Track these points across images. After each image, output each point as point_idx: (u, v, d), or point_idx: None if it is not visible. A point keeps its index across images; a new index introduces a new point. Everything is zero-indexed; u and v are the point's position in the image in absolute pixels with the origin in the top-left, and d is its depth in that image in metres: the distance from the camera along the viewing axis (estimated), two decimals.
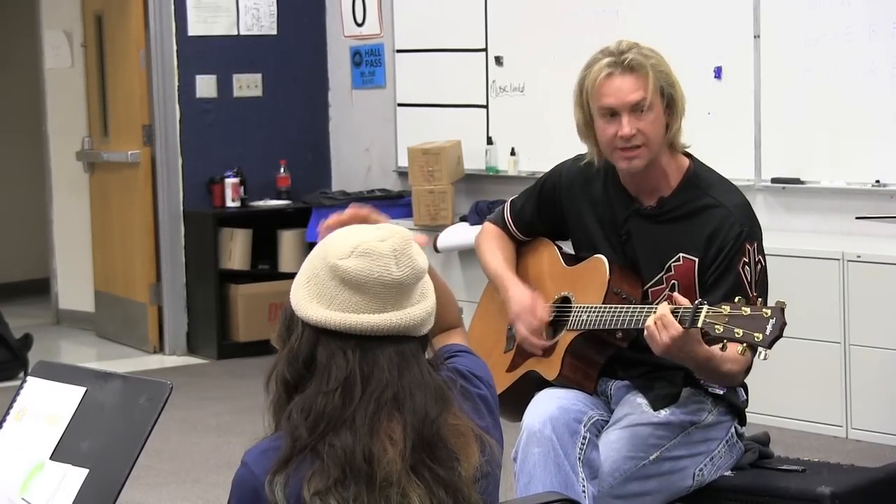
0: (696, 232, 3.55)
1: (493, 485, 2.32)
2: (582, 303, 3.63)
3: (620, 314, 3.50)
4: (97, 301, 9.08)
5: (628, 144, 3.52)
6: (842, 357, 5.94)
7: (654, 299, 3.57)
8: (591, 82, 3.55)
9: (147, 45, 8.29)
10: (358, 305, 2.23)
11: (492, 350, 3.85)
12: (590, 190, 3.70)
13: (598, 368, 3.66)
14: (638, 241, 3.62)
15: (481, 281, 3.59)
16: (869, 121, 6.17)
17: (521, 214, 3.87)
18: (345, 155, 8.66)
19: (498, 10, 7.59)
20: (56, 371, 2.43)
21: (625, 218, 3.64)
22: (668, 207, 3.60)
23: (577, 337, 3.61)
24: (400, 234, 2.26)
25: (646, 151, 3.53)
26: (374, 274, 2.22)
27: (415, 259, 2.25)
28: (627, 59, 3.51)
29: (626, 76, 3.51)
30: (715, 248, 3.52)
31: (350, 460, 2.18)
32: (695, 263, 3.54)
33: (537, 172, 7.37)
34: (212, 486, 5.62)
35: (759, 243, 3.56)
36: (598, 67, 3.54)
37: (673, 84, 3.55)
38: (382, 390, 2.22)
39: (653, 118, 3.52)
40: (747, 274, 3.50)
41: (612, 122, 3.53)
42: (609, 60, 3.53)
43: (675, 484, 3.59)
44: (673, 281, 3.57)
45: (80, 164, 9.10)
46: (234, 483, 2.28)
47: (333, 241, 2.28)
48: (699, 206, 3.57)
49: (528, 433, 3.52)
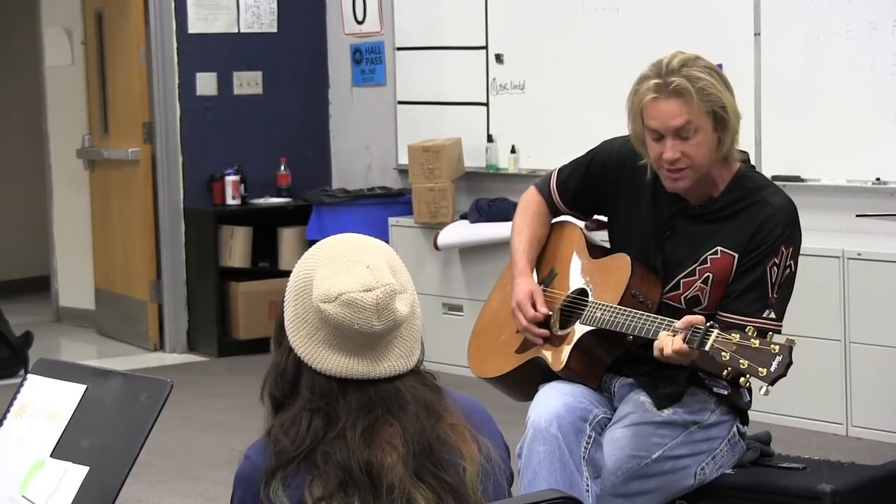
0: (739, 228, 3.55)
1: (495, 486, 2.31)
2: (599, 299, 3.64)
3: (634, 320, 3.50)
4: (97, 298, 9.08)
5: (673, 167, 3.51)
6: (842, 355, 5.94)
7: (684, 290, 3.58)
8: (638, 101, 3.53)
9: (147, 43, 8.29)
10: (338, 345, 2.26)
11: (504, 328, 3.87)
12: (638, 178, 3.69)
13: (604, 366, 3.67)
14: (679, 238, 3.63)
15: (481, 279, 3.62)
16: (869, 118, 6.16)
17: (567, 184, 3.86)
18: (345, 152, 8.66)
19: (498, 8, 7.59)
20: (56, 369, 2.43)
21: (670, 216, 3.64)
22: (715, 207, 3.61)
23: (587, 333, 3.62)
24: (387, 286, 2.26)
25: (690, 173, 3.53)
26: (355, 325, 2.25)
27: (397, 312, 2.27)
28: (672, 84, 3.46)
29: (670, 100, 3.47)
30: (753, 244, 3.53)
31: (348, 471, 2.20)
32: (734, 259, 3.55)
33: (538, 170, 7.38)
34: (212, 484, 5.62)
35: (796, 249, 3.56)
36: (645, 88, 3.50)
37: (724, 105, 3.49)
38: (370, 411, 2.24)
39: (699, 141, 3.49)
40: (773, 275, 3.51)
41: (659, 143, 3.52)
42: (655, 84, 3.48)
43: (677, 483, 3.59)
44: (707, 273, 3.57)
45: (81, 162, 9.10)
46: (237, 477, 2.28)
47: (324, 275, 2.28)
48: (746, 205, 3.57)
49: (533, 430, 3.52)
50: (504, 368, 3.82)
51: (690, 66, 3.49)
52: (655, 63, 3.53)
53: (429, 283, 7.44)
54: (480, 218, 7.35)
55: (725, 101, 3.50)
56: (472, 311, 7.18)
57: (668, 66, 3.49)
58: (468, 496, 2.24)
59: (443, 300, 7.47)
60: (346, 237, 2.35)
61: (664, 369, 3.58)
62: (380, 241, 2.36)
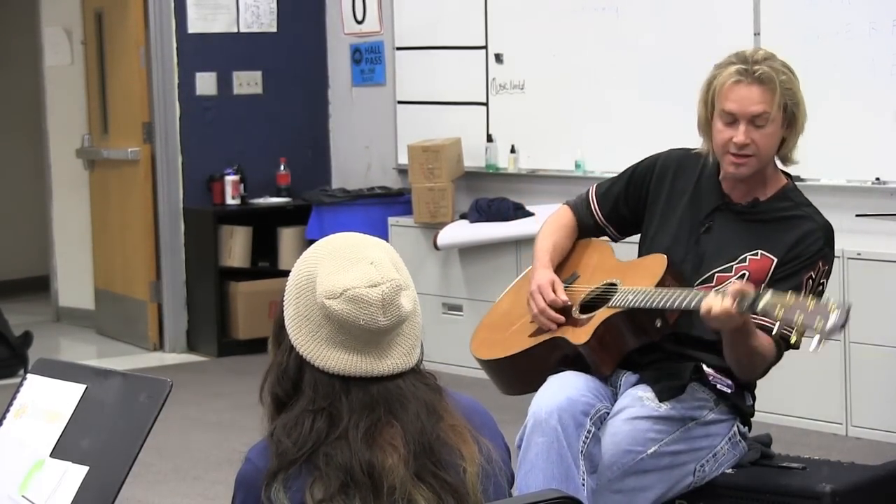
0: (781, 235, 3.62)
1: (496, 487, 2.31)
2: (631, 286, 3.65)
3: (672, 295, 3.51)
4: (97, 298, 9.07)
5: (740, 152, 3.58)
6: (842, 354, 5.94)
7: (717, 284, 3.60)
8: (719, 84, 3.60)
9: (147, 43, 8.29)
10: (342, 342, 2.25)
11: (516, 320, 3.86)
12: (681, 179, 3.75)
13: (624, 353, 3.66)
14: (717, 233, 3.66)
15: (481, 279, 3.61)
16: (869, 118, 6.16)
17: (608, 194, 3.90)
18: (345, 152, 8.65)
19: (498, 8, 7.59)
20: (56, 368, 2.43)
21: (712, 209, 3.69)
22: (759, 209, 3.67)
23: (617, 314, 3.62)
24: (392, 281, 2.26)
25: (755, 161, 3.60)
26: (361, 321, 2.24)
27: (402, 308, 2.27)
28: (758, 71, 3.55)
29: (752, 87, 3.56)
30: (793, 254, 3.59)
31: (350, 472, 2.19)
32: (772, 263, 3.60)
33: (537, 170, 7.39)
34: (212, 484, 5.62)
35: (830, 268, 3.66)
36: (728, 72, 3.59)
37: (798, 103, 3.61)
38: (372, 410, 2.24)
39: (769, 132, 3.58)
40: (808, 287, 3.58)
41: (730, 127, 3.59)
42: (740, 68, 3.58)
43: (676, 479, 3.59)
44: (744, 271, 3.61)
45: (80, 162, 9.09)
46: (237, 480, 2.28)
47: (327, 271, 2.27)
48: (790, 216, 3.65)
49: (533, 421, 3.53)
50: (512, 350, 3.78)
51: (773, 60, 3.61)
52: (738, 53, 3.64)
53: (428, 283, 7.43)
54: (480, 218, 7.34)
55: (800, 99, 3.61)
56: (471, 310, 7.18)
57: (752, 55, 3.60)
58: (468, 496, 2.24)
59: (443, 300, 7.47)
60: (346, 235, 2.34)
61: (670, 361, 3.59)
62: (379, 239, 2.36)
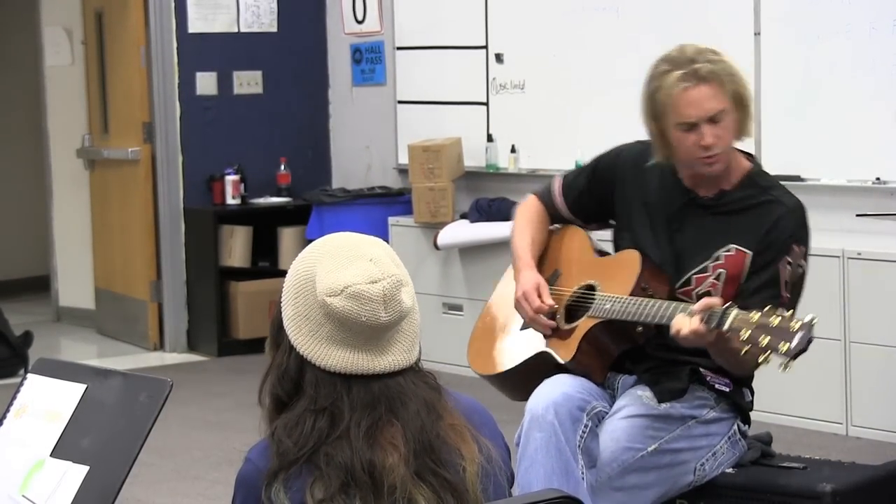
0: (753, 226, 3.59)
1: (496, 486, 2.31)
2: (608, 293, 3.64)
3: (647, 307, 3.51)
4: (97, 298, 9.07)
5: (709, 153, 3.55)
6: (842, 354, 5.94)
7: (696, 286, 3.59)
8: (664, 95, 3.53)
9: (147, 43, 8.29)
10: (343, 340, 2.25)
11: (506, 327, 3.86)
12: (644, 177, 3.72)
13: (611, 360, 3.66)
14: (689, 231, 3.64)
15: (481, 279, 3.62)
16: (869, 118, 6.16)
17: (573, 186, 3.87)
18: (345, 152, 8.65)
19: (498, 8, 7.59)
20: (56, 368, 2.42)
21: (679, 207, 3.66)
22: (727, 200, 3.64)
23: (597, 324, 3.62)
24: (392, 277, 2.26)
25: (724, 156, 3.58)
26: (362, 317, 2.24)
27: (403, 303, 2.27)
28: (700, 70, 3.50)
29: (700, 87, 3.51)
30: (765, 243, 3.56)
31: (351, 471, 2.19)
32: (746, 257, 3.57)
33: (538, 170, 7.38)
34: (212, 483, 5.62)
35: (807, 249, 3.60)
36: (671, 81, 3.52)
37: (737, 80, 3.55)
38: (373, 408, 2.24)
39: (727, 123, 3.55)
40: (786, 273, 3.54)
41: (691, 132, 3.54)
42: (681, 73, 3.51)
43: (676, 477, 3.59)
44: (720, 270, 3.59)
45: (81, 162, 9.09)
46: (238, 480, 2.28)
47: (327, 269, 2.27)
48: (759, 202, 3.61)
49: (530, 417, 3.54)
50: (507, 364, 3.81)
51: (704, 53, 3.54)
52: (665, 59, 3.56)
53: (429, 283, 7.44)
54: (480, 218, 7.35)
55: (736, 72, 3.56)
56: (472, 310, 7.18)
57: (682, 56, 3.54)
58: (468, 495, 2.24)
59: (443, 300, 7.47)
60: (343, 235, 2.35)
61: (667, 366, 3.59)
62: (376, 238, 2.36)
